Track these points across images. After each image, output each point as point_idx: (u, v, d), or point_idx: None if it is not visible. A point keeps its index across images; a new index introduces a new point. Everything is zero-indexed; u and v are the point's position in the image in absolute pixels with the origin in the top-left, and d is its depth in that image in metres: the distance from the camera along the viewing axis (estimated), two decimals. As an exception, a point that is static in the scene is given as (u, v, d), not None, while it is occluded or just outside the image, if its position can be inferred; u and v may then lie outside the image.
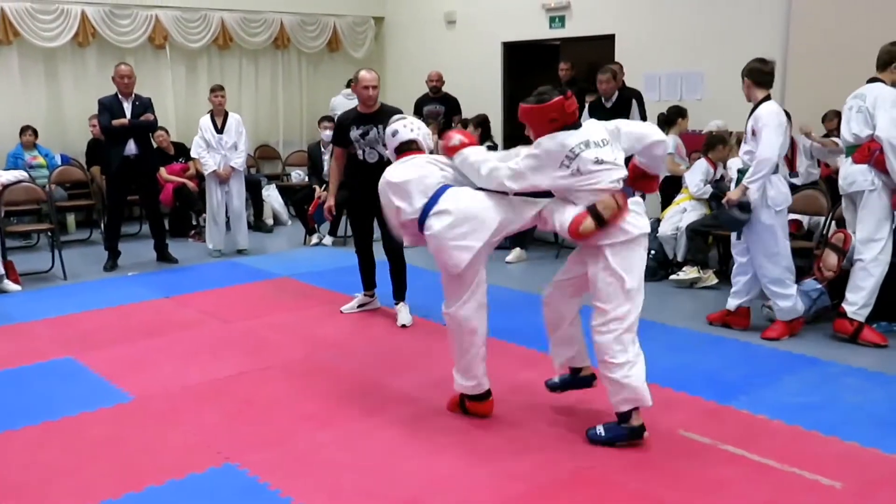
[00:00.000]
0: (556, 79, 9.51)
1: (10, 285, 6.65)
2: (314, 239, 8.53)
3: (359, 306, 5.92)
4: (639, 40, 8.92)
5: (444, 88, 9.47)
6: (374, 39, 11.97)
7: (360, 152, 5.55)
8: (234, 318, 5.81)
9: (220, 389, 4.43)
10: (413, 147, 4.17)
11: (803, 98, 7.32)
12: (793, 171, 6.62)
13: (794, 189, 6.31)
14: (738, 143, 6.52)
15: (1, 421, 4.00)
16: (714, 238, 6.67)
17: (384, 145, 5.26)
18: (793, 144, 6.60)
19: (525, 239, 7.69)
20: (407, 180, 3.85)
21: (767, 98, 5.10)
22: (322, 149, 8.69)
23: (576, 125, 3.66)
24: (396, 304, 5.68)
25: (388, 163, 5.30)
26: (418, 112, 9.56)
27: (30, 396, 4.36)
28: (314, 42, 11.38)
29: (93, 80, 9.53)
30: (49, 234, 7.69)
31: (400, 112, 5.49)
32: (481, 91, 10.38)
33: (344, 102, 10.21)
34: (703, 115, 7.83)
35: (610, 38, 9.27)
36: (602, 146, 3.58)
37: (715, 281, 6.40)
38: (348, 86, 10.47)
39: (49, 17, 9.25)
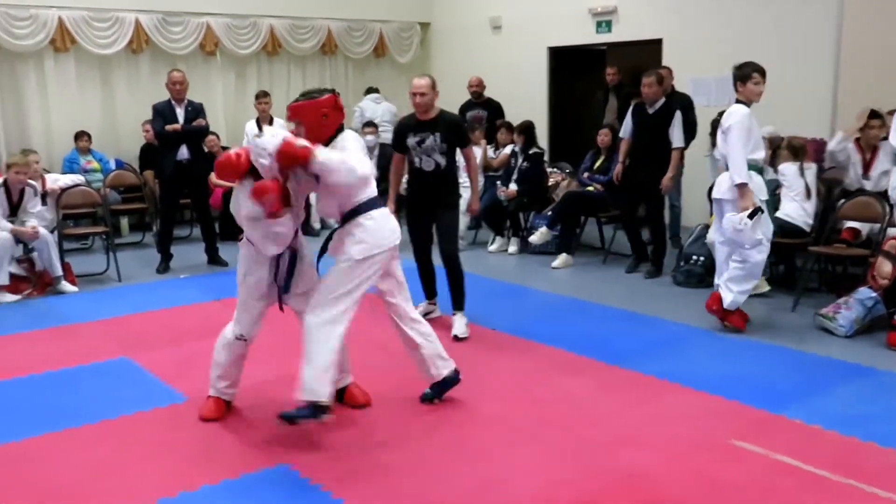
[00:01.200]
0: (603, 84, 9.48)
1: (67, 286, 6.82)
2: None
3: (424, 315, 5.60)
4: (687, 44, 8.85)
5: (489, 93, 9.49)
6: (420, 45, 12.04)
7: (416, 160, 5.44)
8: (284, 321, 5.86)
9: (270, 391, 4.48)
10: None
11: (856, 99, 7.18)
12: (866, 175, 6.49)
13: (853, 195, 6.21)
14: (789, 147, 6.43)
15: (61, 419, 4.10)
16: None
17: (442, 154, 5.32)
18: (874, 149, 6.47)
19: (571, 244, 7.66)
20: None
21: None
22: (368, 154, 8.75)
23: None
24: (454, 313, 5.50)
25: (445, 170, 5.33)
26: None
27: (88, 395, 4.46)
28: (361, 48, 11.49)
29: (146, 86, 9.73)
30: (104, 236, 7.86)
31: (460, 121, 5.51)
32: (527, 96, 10.38)
33: (372, 107, 10.32)
34: (759, 120, 7.71)
35: (657, 43, 9.21)
36: None
37: (767, 288, 6.30)
38: (368, 92, 10.63)
39: (104, 24, 9.47)
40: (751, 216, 5.11)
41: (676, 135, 6.79)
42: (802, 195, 6.22)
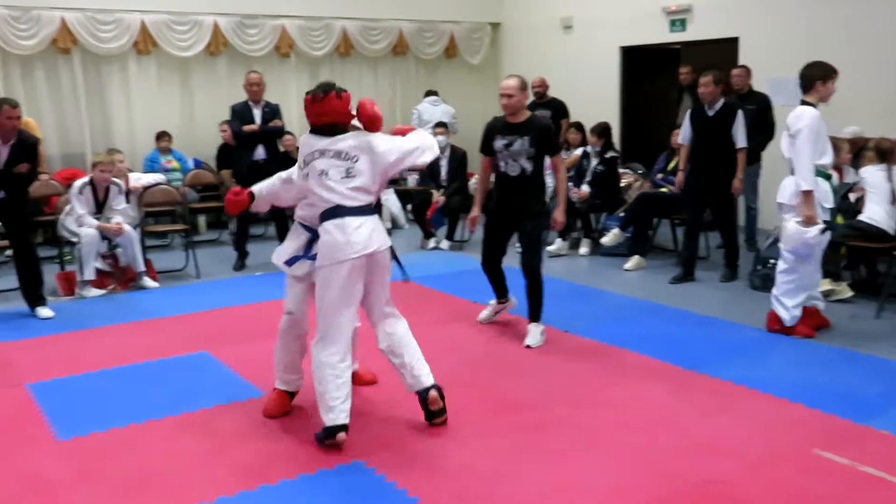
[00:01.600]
0: (676, 84, 9.33)
1: (149, 282, 7.03)
2: (431, 243, 8.63)
3: (495, 314, 5.72)
4: (764, 42, 8.64)
5: (560, 93, 9.43)
6: (490, 45, 12.04)
7: (501, 164, 5.25)
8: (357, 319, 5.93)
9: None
10: None
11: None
12: None
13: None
14: (876, 150, 6.22)
15: (145, 410, 4.23)
16: (848, 249, 6.36)
17: (529, 159, 5.14)
18: None
19: (644, 246, 7.57)
20: None
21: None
22: (439, 154, 8.78)
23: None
24: (529, 322, 5.34)
25: (531, 177, 5.16)
26: None
27: (170, 388, 4.59)
28: (431, 49, 11.55)
29: (223, 87, 9.96)
30: (183, 234, 8.08)
31: (551, 126, 5.31)
32: (598, 97, 10.29)
33: (429, 109, 10.38)
34: (837, 120, 7.49)
35: (733, 42, 9.02)
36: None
37: (849, 294, 6.11)
38: (427, 94, 10.67)
39: (184, 27, 9.73)
40: (823, 231, 4.98)
41: (740, 135, 6.62)
42: (888, 198, 6.01)
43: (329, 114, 3.77)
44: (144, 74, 9.74)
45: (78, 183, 6.98)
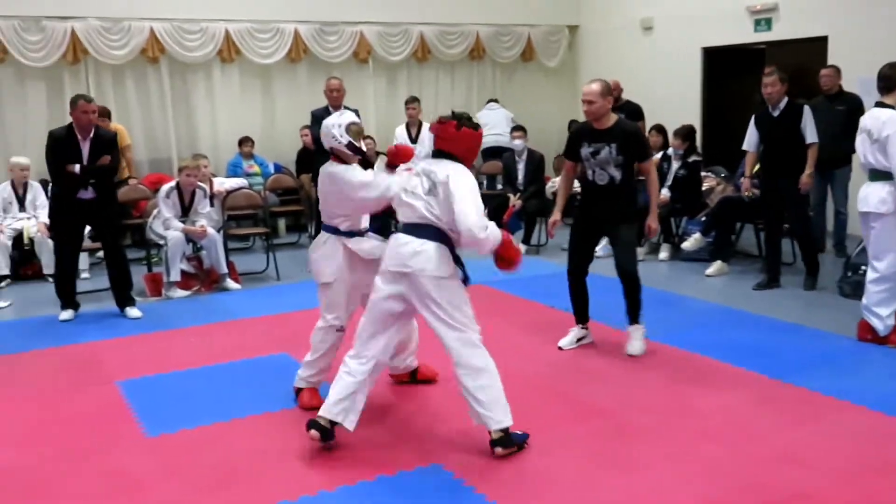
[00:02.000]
0: (760, 85, 9.06)
1: (231, 284, 7.22)
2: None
3: (577, 340, 5.32)
4: (855, 41, 8.32)
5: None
6: (568, 48, 11.95)
7: (589, 172, 5.05)
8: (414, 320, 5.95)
9: (424, 391, 4.57)
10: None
11: None
12: None
13: None
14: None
15: (229, 409, 4.34)
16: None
17: (617, 167, 4.92)
18: None
19: (727, 251, 7.39)
20: None
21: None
22: (516, 158, 8.76)
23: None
24: (630, 326, 5.14)
25: (620, 185, 4.96)
26: None
27: (251, 387, 4.69)
28: (508, 52, 11.53)
29: (303, 93, 10.15)
30: (264, 237, 8.27)
31: (638, 130, 5.06)
32: (679, 99, 10.10)
33: (488, 115, 10.38)
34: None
35: (822, 41, 8.72)
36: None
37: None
38: (488, 102, 10.67)
39: (266, 35, 9.96)
40: None
41: (809, 130, 6.38)
42: None
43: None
44: (228, 81, 10.00)
45: (165, 187, 7.22)
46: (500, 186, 9.82)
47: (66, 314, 6.32)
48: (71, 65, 9.13)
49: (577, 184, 5.77)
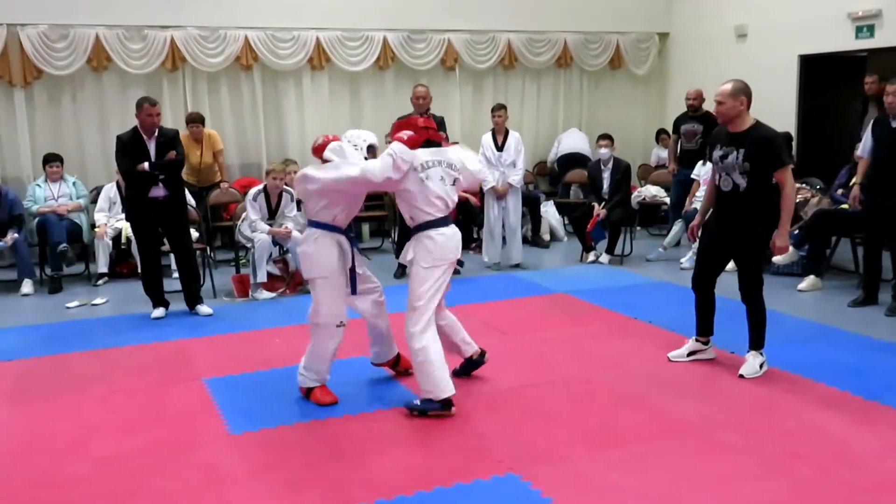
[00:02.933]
0: (861, 94, 8.71)
1: (315, 287, 7.33)
2: (591, 256, 8.49)
3: (688, 354, 5.13)
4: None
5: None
6: (658, 56, 11.73)
7: (716, 177, 4.83)
8: (514, 331, 5.93)
9: (501, 399, 4.54)
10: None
11: None
12: None
13: None
14: None
15: (309, 410, 4.42)
16: None
17: (742, 173, 4.64)
18: None
19: (821, 266, 7.10)
20: None
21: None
22: (601, 167, 8.63)
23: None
24: (749, 352, 4.91)
25: (745, 195, 4.66)
26: (675, 131, 9.27)
27: (337, 389, 4.72)
28: (596, 60, 11.39)
29: (390, 100, 10.25)
30: (348, 241, 8.38)
31: (773, 136, 4.71)
32: (773, 108, 9.69)
33: (568, 135, 10.31)
34: None
35: (929, 48, 8.32)
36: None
37: None
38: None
39: (356, 43, 10.10)
40: None
41: None
42: None
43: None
44: (317, 88, 10.17)
45: (252, 191, 7.40)
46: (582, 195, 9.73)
47: (158, 312, 6.55)
48: (169, 72, 9.46)
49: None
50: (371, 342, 4.95)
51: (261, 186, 7.42)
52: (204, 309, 6.60)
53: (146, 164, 6.25)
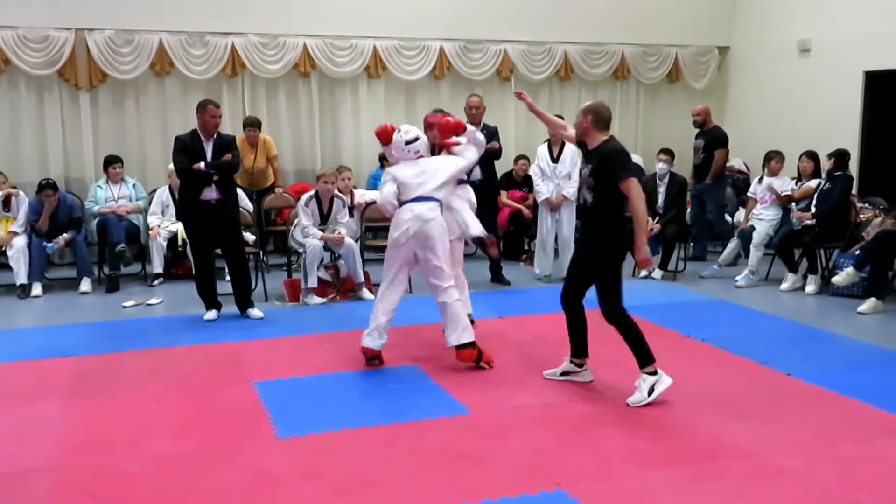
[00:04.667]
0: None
1: (366, 293, 7.38)
2: (643, 271, 8.39)
3: (562, 374, 5.07)
4: None
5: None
6: (717, 70, 11.57)
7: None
8: (563, 344, 5.84)
9: (549, 413, 4.50)
10: None
11: None
12: None
13: None
14: None
15: (358, 416, 4.43)
16: None
17: (588, 189, 4.74)
18: None
19: (883, 288, 6.91)
20: None
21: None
22: (657, 181, 8.53)
23: None
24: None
25: (592, 209, 4.72)
26: None
27: (381, 398, 4.77)
28: (654, 73, 11.29)
29: (445, 109, 10.19)
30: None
31: (612, 150, 4.75)
32: (836, 125, 9.58)
33: None
34: None
35: None
36: None
37: None
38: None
39: (412, 52, 10.18)
40: None
41: None
42: None
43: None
44: (373, 97, 10.26)
45: (305, 196, 7.47)
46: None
47: (211, 314, 6.65)
48: (229, 78, 9.64)
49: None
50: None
51: (312, 192, 7.48)
52: (255, 312, 6.69)
53: (202, 164, 6.38)
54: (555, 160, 8.17)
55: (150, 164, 9.52)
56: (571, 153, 8.14)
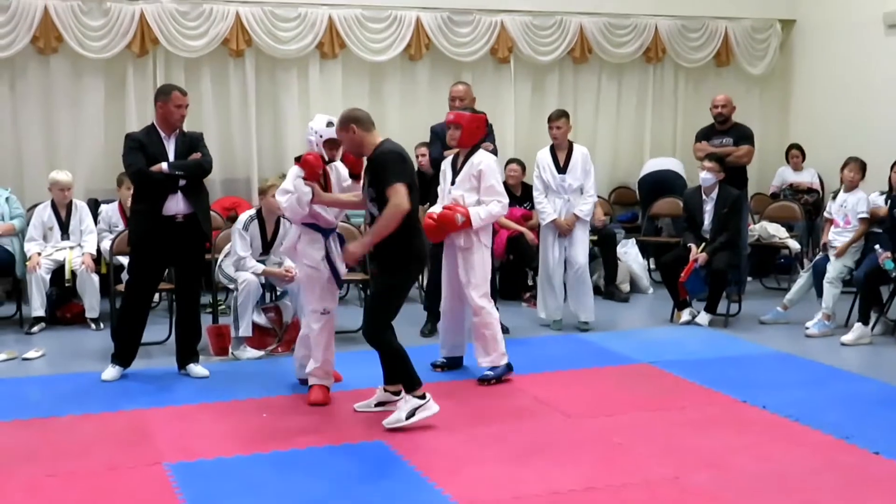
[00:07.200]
0: None
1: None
2: (685, 315, 8.41)
3: (376, 405, 5.92)
4: None
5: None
6: (779, 49, 11.71)
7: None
8: (579, 413, 5.89)
9: (574, 436, 4.55)
10: None
11: None
12: None
13: None
14: None
15: None
16: None
17: (371, 201, 5.57)
18: None
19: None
20: None
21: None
22: (703, 196, 8.58)
23: None
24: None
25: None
26: None
27: (335, 483, 4.72)
28: (698, 53, 11.44)
29: (423, 100, 10.38)
30: (361, 285, 8.42)
31: (380, 152, 5.50)
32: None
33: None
34: None
35: None
36: None
37: None
38: None
39: (380, 25, 10.24)
40: None
41: None
42: None
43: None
44: (328, 83, 10.30)
45: (243, 217, 7.35)
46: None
47: (111, 372, 6.56)
48: (137, 56, 9.65)
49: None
50: None
51: (253, 212, 7.43)
52: (198, 370, 6.66)
53: (164, 165, 6.39)
54: (561, 170, 8.12)
55: (29, 170, 9.49)
56: (582, 159, 8.11)
